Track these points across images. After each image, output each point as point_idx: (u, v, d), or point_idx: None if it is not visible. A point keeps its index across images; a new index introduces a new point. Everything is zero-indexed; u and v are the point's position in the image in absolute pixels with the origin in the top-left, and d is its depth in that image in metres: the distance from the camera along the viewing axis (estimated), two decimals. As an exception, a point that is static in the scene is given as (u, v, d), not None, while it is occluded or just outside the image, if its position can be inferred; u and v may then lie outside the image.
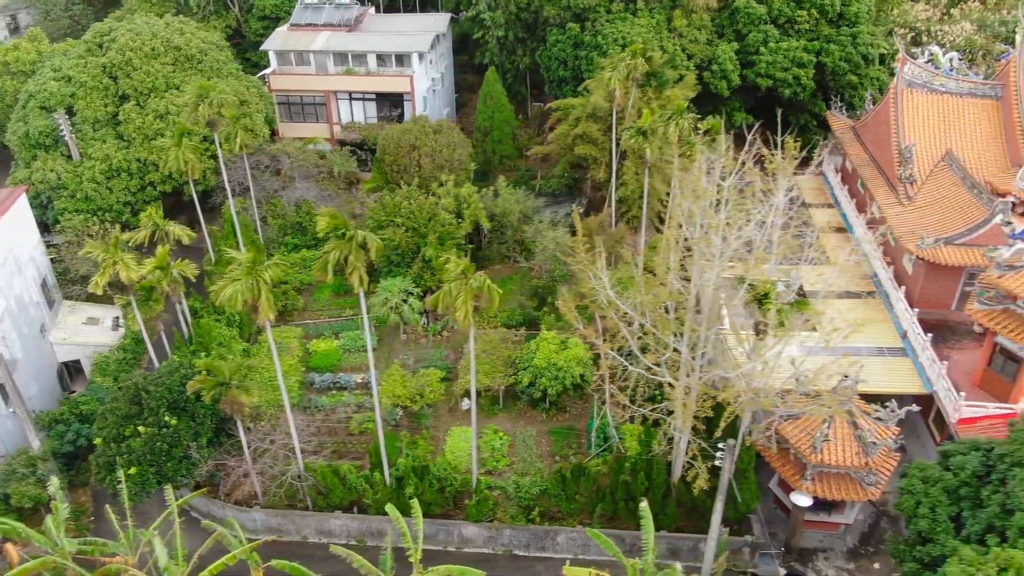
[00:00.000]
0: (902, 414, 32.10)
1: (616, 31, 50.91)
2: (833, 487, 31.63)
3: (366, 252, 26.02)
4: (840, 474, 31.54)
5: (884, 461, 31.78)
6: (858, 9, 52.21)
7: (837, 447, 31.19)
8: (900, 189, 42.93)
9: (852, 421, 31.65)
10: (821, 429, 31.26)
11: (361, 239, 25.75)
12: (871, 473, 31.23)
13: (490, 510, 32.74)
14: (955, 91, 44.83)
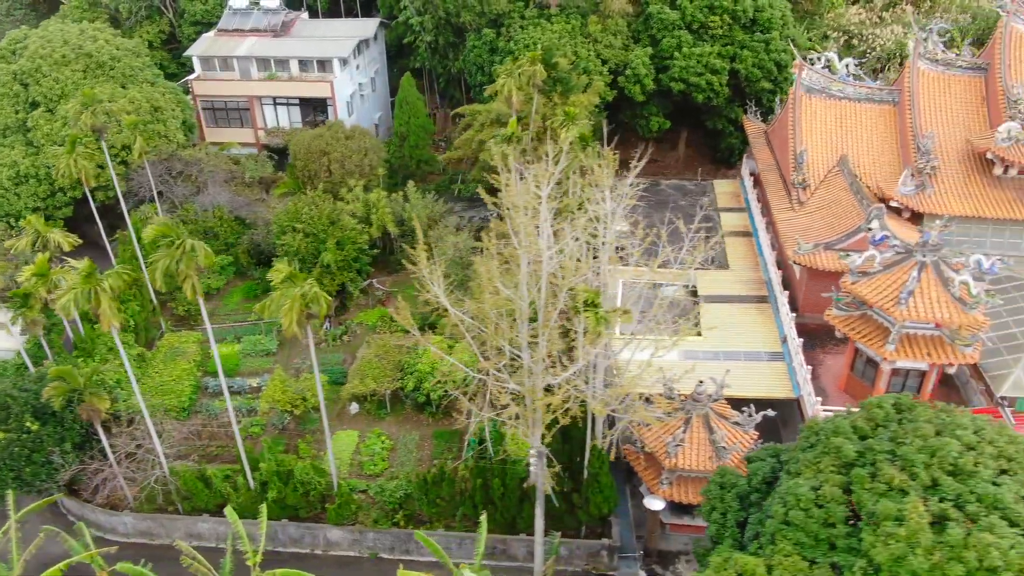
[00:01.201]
0: (758, 418, 32.49)
1: (528, 37, 51.31)
2: (690, 491, 31.98)
3: (196, 259, 26.43)
4: (696, 478, 31.88)
5: (739, 466, 32.12)
6: (771, 15, 52.56)
7: (692, 451, 31.55)
8: (793, 194, 43.30)
9: (708, 426, 32.04)
10: (676, 434, 31.62)
11: (190, 246, 26.16)
12: (725, 477, 31.59)
13: (353, 514, 33.14)
14: (853, 97, 45.17)
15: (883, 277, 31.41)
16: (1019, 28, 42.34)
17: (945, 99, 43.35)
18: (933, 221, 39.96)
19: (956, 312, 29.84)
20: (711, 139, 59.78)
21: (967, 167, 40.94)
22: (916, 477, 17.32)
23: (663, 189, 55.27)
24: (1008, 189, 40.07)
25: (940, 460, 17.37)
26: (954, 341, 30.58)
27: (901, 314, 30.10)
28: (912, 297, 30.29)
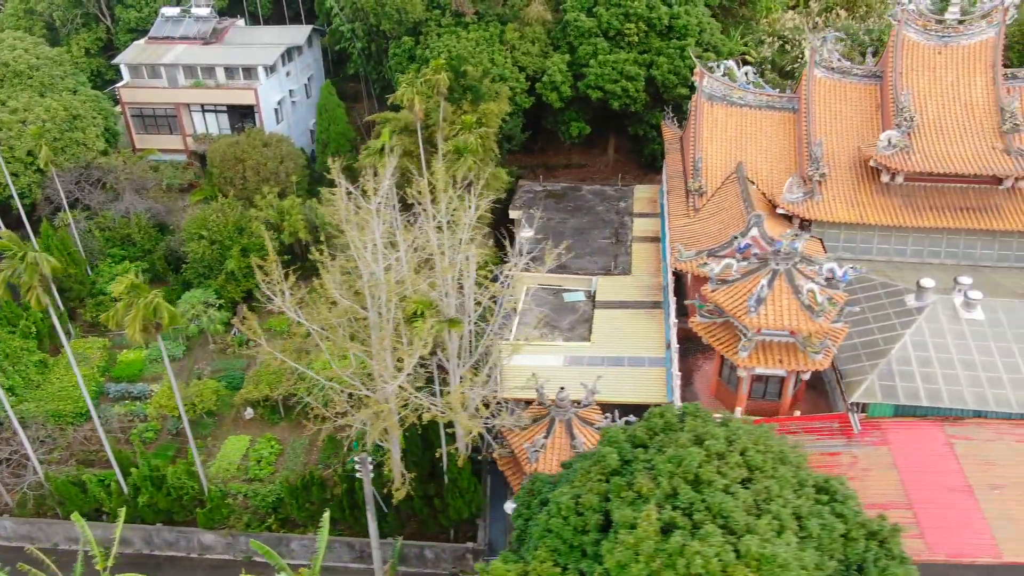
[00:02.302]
0: (621, 423, 33.00)
1: (443, 45, 51.88)
2: (553, 495, 32.53)
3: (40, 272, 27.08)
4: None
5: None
6: (686, 22, 53.09)
7: (552, 456, 32.01)
8: (690, 200, 43.84)
9: (570, 432, 32.57)
10: (536, 439, 32.16)
11: (32, 259, 26.79)
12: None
13: (224, 518, 33.74)
14: (754, 104, 45.71)
15: (740, 285, 31.92)
16: (911, 36, 42.86)
17: (840, 107, 43.91)
18: (822, 228, 40.93)
19: (805, 320, 30.33)
20: (638, 144, 60.39)
21: (857, 174, 41.46)
22: (660, 486, 17.87)
23: (583, 194, 55.79)
24: (895, 196, 40.60)
25: (683, 470, 17.91)
26: (806, 348, 31.10)
27: (751, 322, 30.62)
28: (763, 305, 30.79)
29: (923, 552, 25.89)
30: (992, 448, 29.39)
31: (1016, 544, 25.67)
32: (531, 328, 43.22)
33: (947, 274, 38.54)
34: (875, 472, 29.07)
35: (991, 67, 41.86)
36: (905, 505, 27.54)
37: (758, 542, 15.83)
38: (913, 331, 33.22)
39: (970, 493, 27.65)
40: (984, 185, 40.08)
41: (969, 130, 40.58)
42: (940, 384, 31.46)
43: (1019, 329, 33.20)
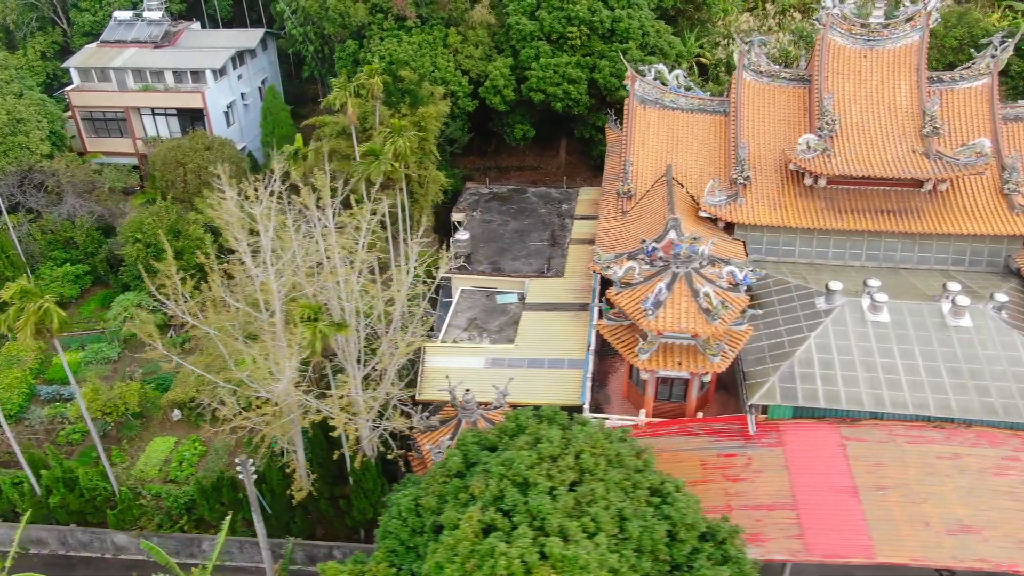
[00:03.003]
0: (528, 426, 33.35)
1: (384, 49, 52.21)
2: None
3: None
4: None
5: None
6: (628, 25, 53.35)
7: (458, 458, 32.47)
8: (619, 203, 44.14)
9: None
10: (442, 440, 32.53)
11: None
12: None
13: (136, 519, 34.12)
14: (686, 107, 45.98)
15: (642, 288, 32.28)
16: (837, 40, 43.15)
17: (769, 110, 44.20)
18: (746, 231, 41.24)
19: (702, 323, 30.66)
20: (588, 147, 60.69)
21: (782, 177, 41.75)
22: (489, 488, 18.20)
23: (528, 197, 56.15)
24: (819, 199, 40.89)
25: (513, 472, 18.25)
26: (705, 351, 31.43)
27: (649, 324, 30.97)
28: (662, 308, 31.15)
29: (800, 552, 26.31)
30: (883, 450, 29.70)
31: (891, 545, 26.01)
32: (460, 330, 43.81)
33: (868, 276, 38.83)
34: (767, 473, 29.41)
35: (915, 70, 42.14)
36: (791, 506, 27.88)
37: (561, 544, 16.16)
38: (818, 333, 33.53)
39: (855, 494, 27.98)
40: (906, 188, 40.35)
41: (891, 133, 40.86)
42: (839, 386, 31.77)
43: (922, 331, 33.50)
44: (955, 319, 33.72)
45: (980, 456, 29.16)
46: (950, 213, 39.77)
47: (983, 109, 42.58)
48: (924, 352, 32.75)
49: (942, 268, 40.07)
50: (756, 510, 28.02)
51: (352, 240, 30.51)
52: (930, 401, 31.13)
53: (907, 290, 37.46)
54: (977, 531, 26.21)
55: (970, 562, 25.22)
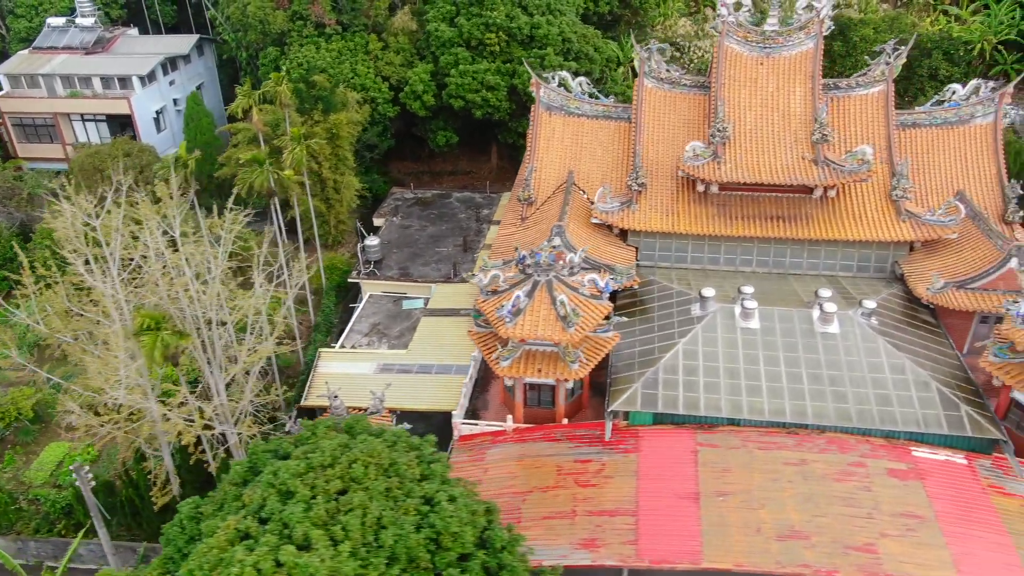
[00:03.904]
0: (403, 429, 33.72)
1: (303, 56, 52.61)
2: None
3: None
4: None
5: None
6: (547, 32, 53.68)
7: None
8: (520, 209, 44.51)
9: (346, 439, 33.31)
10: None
11: None
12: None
13: (12, 523, 34.56)
14: (590, 114, 46.34)
15: (506, 295, 32.62)
16: (734, 48, 43.49)
17: (669, 117, 44.56)
18: (639, 237, 41.58)
19: (559, 330, 31.01)
20: (518, 152, 60.98)
21: (678, 184, 42.08)
22: (255, 497, 18.59)
23: (451, 202, 56.60)
24: (712, 205, 41.22)
25: (280, 481, 18.65)
26: (565, 358, 31.79)
27: (506, 332, 31.33)
28: (521, 315, 31.50)
29: (630, 558, 26.66)
30: (734, 456, 30.04)
31: (719, 551, 26.35)
32: (361, 336, 44.24)
33: (758, 282, 39.24)
34: (616, 479, 29.76)
35: (810, 78, 42.48)
36: (632, 512, 28.24)
37: (295, 552, 16.56)
38: (687, 340, 33.91)
39: (696, 500, 28.33)
40: (797, 194, 40.68)
41: (784, 140, 41.20)
42: (700, 393, 32.14)
43: (790, 338, 33.87)
44: (823, 326, 34.11)
45: (826, 462, 29.51)
46: (839, 219, 40.08)
47: (878, 115, 42.98)
48: (788, 359, 33.14)
49: (830, 274, 40.42)
50: (599, 516, 28.38)
51: (212, 249, 30.89)
52: (787, 407, 31.51)
53: (789, 296, 37.80)
54: (805, 537, 26.55)
55: (791, 568, 25.54)
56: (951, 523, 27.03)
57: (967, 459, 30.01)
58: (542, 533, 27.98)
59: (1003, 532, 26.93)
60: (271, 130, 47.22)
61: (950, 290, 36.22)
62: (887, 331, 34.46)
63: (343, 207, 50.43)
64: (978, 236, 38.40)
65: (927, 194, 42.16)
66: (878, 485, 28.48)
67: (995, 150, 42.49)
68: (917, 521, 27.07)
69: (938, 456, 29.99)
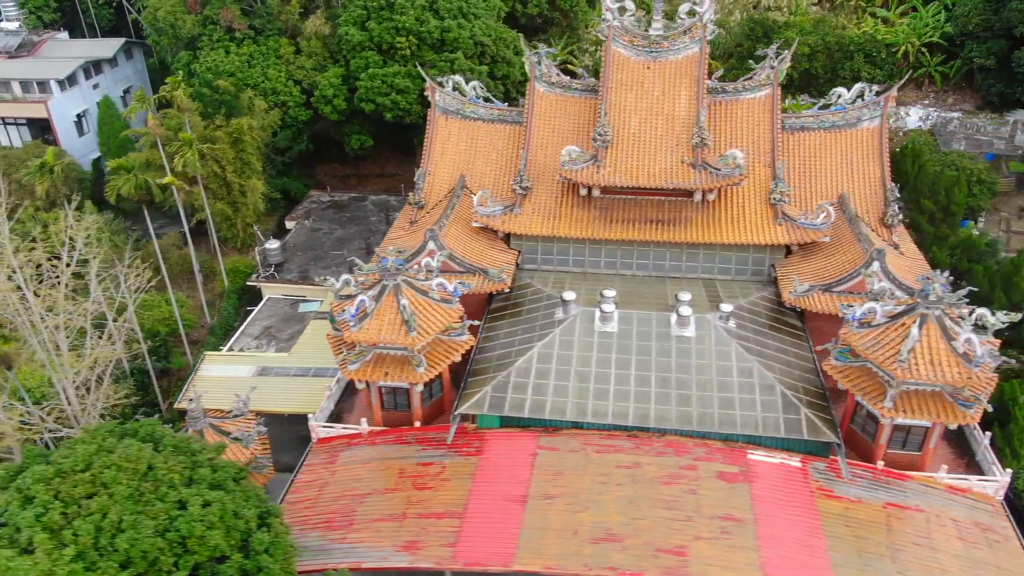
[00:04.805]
0: (255, 433, 34.01)
1: (212, 60, 52.94)
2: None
3: None
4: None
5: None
6: (458, 35, 53.98)
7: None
8: (411, 214, 44.76)
9: (202, 442, 33.60)
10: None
11: None
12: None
13: None
14: (486, 118, 46.57)
15: (356, 301, 32.86)
16: (621, 52, 43.72)
17: (559, 121, 44.76)
18: (521, 240, 41.82)
19: (402, 335, 31.26)
20: (440, 155, 61.21)
21: (563, 187, 42.26)
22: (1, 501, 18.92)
23: (366, 205, 56.93)
24: (595, 209, 41.42)
25: (25, 487, 18.95)
26: (412, 362, 32.05)
27: (351, 336, 31.63)
28: (367, 319, 31.76)
29: (445, 560, 26.94)
30: (570, 459, 30.30)
31: (532, 554, 26.60)
32: (252, 339, 44.56)
33: (637, 285, 39.59)
34: (453, 482, 30.03)
35: (695, 81, 42.67)
36: (459, 515, 28.50)
37: (8, 556, 16.88)
38: (544, 343, 34.16)
39: (523, 503, 28.58)
40: (678, 198, 40.84)
41: (666, 144, 41.34)
42: (548, 396, 32.38)
43: (645, 341, 34.12)
44: (680, 329, 34.34)
45: (659, 465, 29.75)
46: (718, 223, 40.25)
47: (764, 119, 43.14)
48: (640, 362, 33.39)
49: (709, 277, 40.60)
50: (427, 518, 28.65)
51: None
52: (631, 411, 31.74)
53: (662, 300, 37.95)
54: (620, 539, 26.79)
55: (599, 570, 25.78)
56: (769, 526, 27.26)
57: (802, 462, 30.24)
58: (370, 535, 28.31)
59: (819, 535, 27.17)
60: (174, 134, 47.61)
61: (816, 293, 36.40)
62: (745, 335, 34.68)
63: (250, 210, 50.72)
64: (851, 239, 38.57)
65: (813, 197, 42.24)
66: (705, 488, 28.72)
67: (880, 153, 42.65)
68: (735, 524, 27.30)
69: (773, 459, 30.23)
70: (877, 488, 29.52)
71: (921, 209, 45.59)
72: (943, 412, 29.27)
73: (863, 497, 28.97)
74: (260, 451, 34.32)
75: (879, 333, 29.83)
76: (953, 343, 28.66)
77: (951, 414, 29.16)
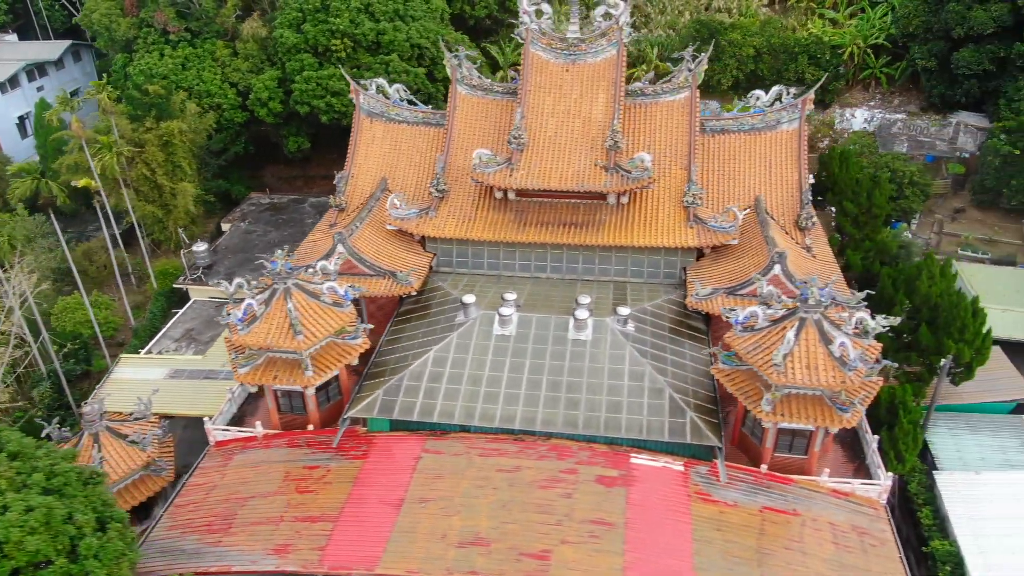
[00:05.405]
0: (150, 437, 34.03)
1: (146, 63, 53.02)
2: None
3: None
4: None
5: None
6: (394, 37, 54.00)
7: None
8: (333, 216, 44.80)
9: (97, 444, 33.64)
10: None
11: None
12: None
13: None
14: (411, 120, 46.62)
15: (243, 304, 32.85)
16: (540, 55, 43.74)
17: (481, 123, 44.79)
18: (436, 244, 41.85)
19: (288, 338, 31.30)
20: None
21: (480, 191, 42.29)
22: None
23: (304, 207, 56.98)
24: (510, 212, 41.43)
25: None
26: (302, 365, 32.10)
27: (239, 339, 31.70)
28: (256, 323, 31.81)
29: (311, 564, 26.98)
30: (452, 463, 30.35)
31: (398, 558, 26.65)
32: (172, 341, 44.63)
33: (549, 288, 39.61)
34: (334, 486, 30.08)
35: (612, 84, 42.67)
36: (333, 518, 28.55)
37: None
38: (440, 347, 34.20)
39: (398, 507, 28.62)
40: (593, 201, 40.88)
41: (581, 147, 41.31)
42: (438, 399, 32.42)
43: (541, 344, 34.15)
44: (577, 332, 34.36)
45: (539, 469, 29.77)
46: (631, 225, 40.21)
47: (683, 122, 43.15)
48: (534, 365, 33.41)
49: (622, 280, 40.61)
50: (302, 522, 28.70)
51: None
52: (518, 414, 31.77)
53: (566, 304, 37.89)
54: (486, 543, 26.82)
55: (460, 574, 25.80)
56: (638, 530, 27.27)
57: (685, 466, 30.24)
58: (244, 539, 28.37)
59: (687, 539, 27.18)
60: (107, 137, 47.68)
61: (720, 296, 36.38)
62: (643, 338, 34.70)
63: (180, 213, 50.78)
64: (760, 243, 38.56)
65: (732, 200, 42.11)
66: (581, 492, 28.73)
67: (798, 156, 42.64)
68: (605, 528, 27.31)
69: (656, 463, 30.24)
70: (757, 492, 29.52)
71: (845, 212, 45.56)
72: (823, 416, 29.28)
73: (740, 501, 28.96)
74: (161, 454, 34.47)
75: (761, 337, 29.83)
76: (831, 347, 28.65)
77: (830, 418, 29.17)
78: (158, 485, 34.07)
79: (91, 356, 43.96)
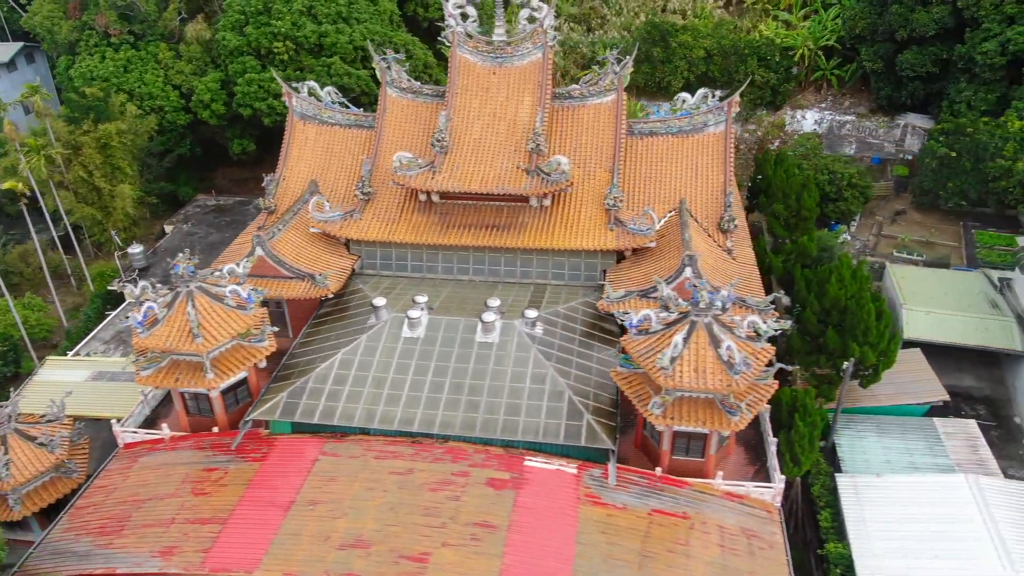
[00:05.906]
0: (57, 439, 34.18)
1: (87, 66, 53.19)
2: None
3: None
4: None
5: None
6: (336, 40, 54.14)
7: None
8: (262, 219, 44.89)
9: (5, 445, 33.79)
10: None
11: None
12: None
13: None
14: (343, 123, 46.69)
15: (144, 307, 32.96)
16: (467, 58, 43.86)
17: (411, 126, 44.86)
18: (361, 246, 41.97)
19: (188, 341, 31.44)
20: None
21: (406, 193, 42.39)
22: None
23: (248, 209, 57.07)
24: (435, 214, 41.53)
25: None
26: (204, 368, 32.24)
27: (140, 342, 31.83)
28: (158, 326, 31.94)
29: (193, 566, 27.10)
30: (348, 465, 30.44)
31: (279, 560, 26.74)
32: (102, 343, 44.76)
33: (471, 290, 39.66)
34: (229, 488, 30.19)
35: (538, 87, 42.78)
36: (222, 521, 28.65)
37: None
38: (348, 350, 34.32)
39: (286, 509, 28.72)
40: (516, 203, 40.98)
41: (505, 150, 41.42)
42: (340, 402, 32.52)
43: (448, 347, 34.26)
44: (485, 335, 34.46)
45: (432, 471, 29.86)
46: (553, 228, 40.29)
47: (609, 124, 43.23)
48: (438, 368, 33.50)
49: (543, 282, 40.68)
50: (192, 524, 28.81)
51: None
52: (418, 417, 31.87)
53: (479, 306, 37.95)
54: (367, 546, 26.93)
55: (337, 577, 25.92)
56: (521, 533, 27.36)
57: (579, 469, 30.31)
58: (134, 541, 28.50)
59: (571, 542, 27.26)
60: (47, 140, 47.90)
61: (633, 299, 36.46)
62: (551, 341, 34.79)
63: (119, 215, 50.95)
64: (678, 245, 38.62)
65: (657, 202, 42.14)
66: (470, 495, 28.82)
67: (725, 159, 42.70)
68: (487, 531, 27.41)
69: (550, 466, 30.32)
70: (648, 495, 29.60)
71: (775, 214, 45.64)
72: (713, 420, 29.36)
73: (630, 504, 29.05)
74: (73, 456, 34.64)
75: (654, 340, 29.92)
76: (719, 350, 28.74)
77: (720, 421, 29.26)
78: (68, 487, 34.26)
79: (20, 358, 44.12)
